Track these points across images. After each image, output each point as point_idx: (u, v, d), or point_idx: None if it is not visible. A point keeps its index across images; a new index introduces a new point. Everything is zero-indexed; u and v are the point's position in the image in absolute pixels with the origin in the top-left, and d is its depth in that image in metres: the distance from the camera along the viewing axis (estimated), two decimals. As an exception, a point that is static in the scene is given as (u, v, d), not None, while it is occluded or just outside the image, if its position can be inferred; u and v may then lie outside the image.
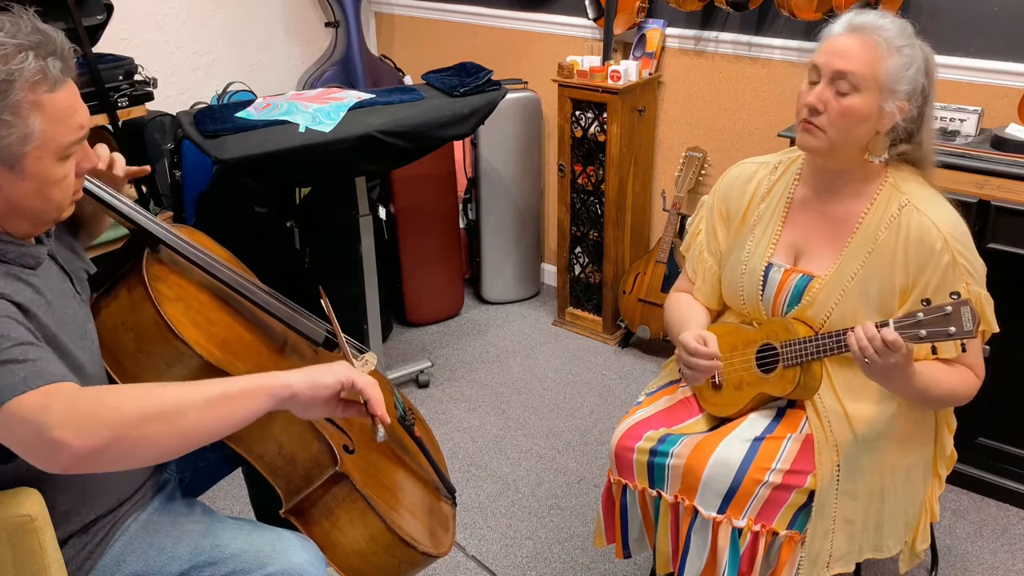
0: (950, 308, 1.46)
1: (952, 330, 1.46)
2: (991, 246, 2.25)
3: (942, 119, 2.51)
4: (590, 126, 3.25)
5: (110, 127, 2.77)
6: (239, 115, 2.57)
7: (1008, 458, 2.49)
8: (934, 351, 1.63)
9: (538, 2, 3.59)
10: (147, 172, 1.57)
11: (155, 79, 2.88)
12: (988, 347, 1.76)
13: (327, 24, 3.92)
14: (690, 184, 3.21)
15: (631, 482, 1.82)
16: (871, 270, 1.69)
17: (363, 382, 1.32)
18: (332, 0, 3.84)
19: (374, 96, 2.71)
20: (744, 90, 3.13)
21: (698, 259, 1.95)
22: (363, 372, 1.47)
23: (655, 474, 1.78)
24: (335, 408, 1.32)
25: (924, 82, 1.65)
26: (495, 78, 2.84)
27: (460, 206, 3.70)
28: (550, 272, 3.88)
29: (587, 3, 3.27)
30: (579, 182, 3.37)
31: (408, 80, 3.92)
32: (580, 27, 3.48)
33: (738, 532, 1.68)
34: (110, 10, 2.73)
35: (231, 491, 2.54)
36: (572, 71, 3.21)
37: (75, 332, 1.32)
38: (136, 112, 2.83)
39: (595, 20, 3.32)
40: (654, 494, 1.79)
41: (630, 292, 3.32)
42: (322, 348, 1.68)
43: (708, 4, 3.00)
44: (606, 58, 3.25)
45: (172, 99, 3.42)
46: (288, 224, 3.01)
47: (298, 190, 3.04)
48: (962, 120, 2.50)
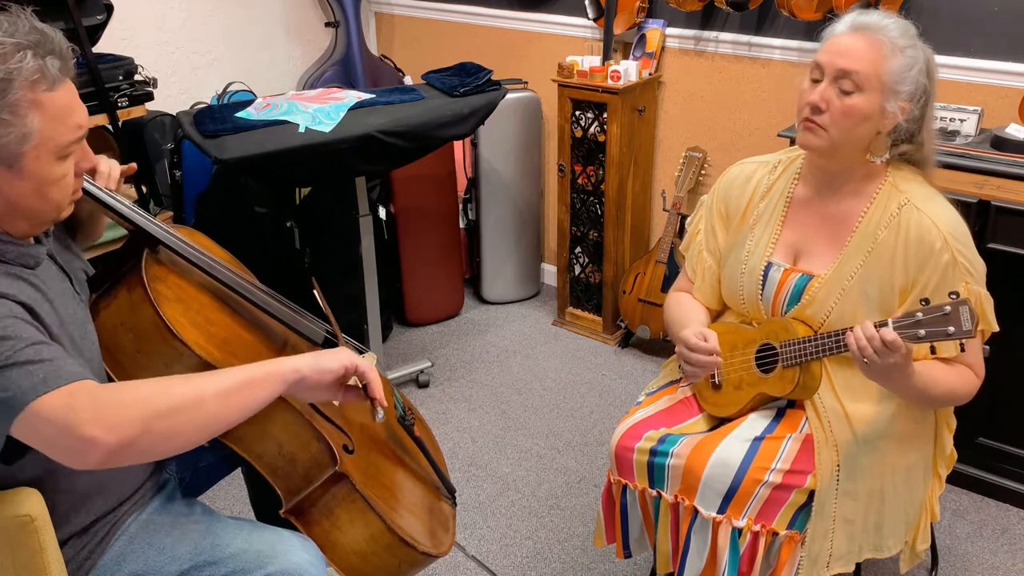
0: (949, 308, 1.46)
1: (951, 330, 1.46)
2: (991, 246, 2.25)
3: (942, 119, 2.51)
4: (590, 126, 3.25)
5: (110, 127, 2.77)
6: (239, 115, 2.57)
7: (1008, 458, 2.49)
8: (933, 351, 1.64)
9: (538, 2, 3.59)
10: (134, 170, 1.57)
11: (155, 79, 2.88)
12: (988, 347, 1.76)
13: (327, 24, 3.92)
14: (690, 184, 3.21)
15: (631, 482, 1.82)
16: (871, 269, 1.69)
17: (365, 366, 1.38)
18: (332, 0, 3.84)
19: (374, 96, 2.71)
20: (744, 90, 3.13)
21: (697, 259, 1.95)
22: (362, 359, 1.48)
23: (655, 474, 1.78)
24: (336, 392, 1.37)
25: (925, 83, 1.66)
26: (495, 78, 2.84)
27: (460, 206, 3.70)
28: (550, 272, 3.88)
29: (587, 3, 3.27)
30: (579, 182, 3.37)
31: (408, 80, 3.92)
32: (580, 27, 3.48)
33: (738, 532, 1.68)
34: (110, 10, 2.73)
35: (231, 491, 2.54)
36: (572, 71, 3.21)
37: (75, 332, 1.32)
38: (136, 112, 2.83)
39: (595, 20, 3.32)
40: (654, 494, 1.79)
41: (630, 292, 3.32)
42: (321, 348, 1.68)
43: (708, 4, 3.00)
44: (606, 58, 3.25)
45: (172, 99, 3.42)
46: (288, 224, 3.01)
47: (298, 190, 3.04)
48: (962, 120, 2.50)
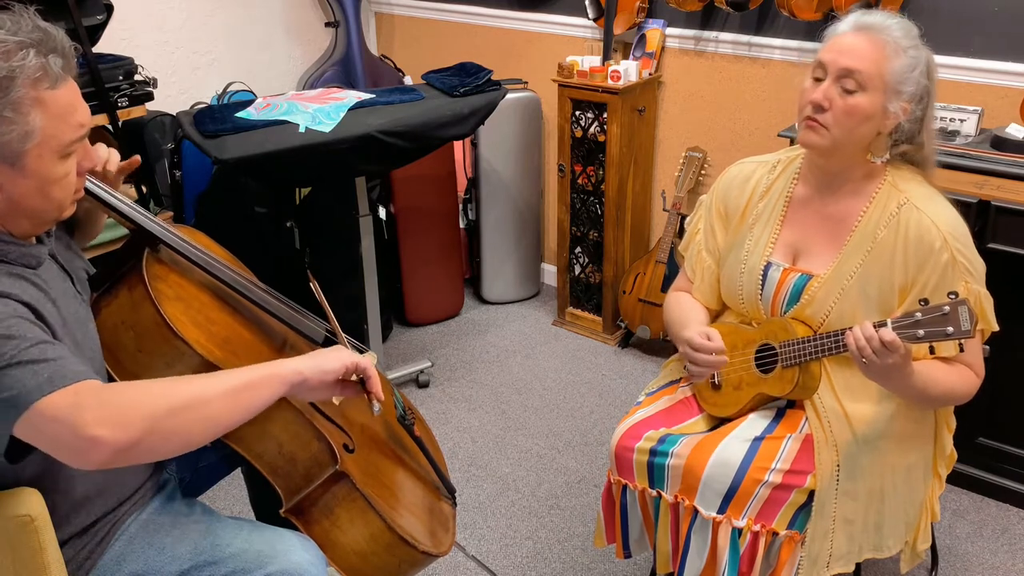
0: (948, 308, 1.46)
1: (950, 330, 1.46)
2: (991, 246, 2.25)
3: (942, 119, 2.51)
4: (590, 126, 3.25)
5: (110, 127, 2.77)
6: (239, 115, 2.57)
7: (1008, 458, 2.49)
8: (932, 351, 1.64)
9: (538, 2, 3.59)
10: (137, 163, 1.57)
11: (155, 79, 2.88)
12: (988, 347, 1.76)
13: (327, 24, 3.92)
14: (690, 184, 3.21)
15: (631, 482, 1.82)
16: (870, 269, 1.69)
17: (364, 362, 1.40)
18: (332, 0, 3.84)
19: (374, 96, 2.71)
20: (744, 90, 3.13)
21: (696, 258, 1.95)
22: (359, 355, 1.48)
23: (655, 474, 1.78)
24: (335, 390, 1.39)
25: (927, 83, 1.66)
26: (495, 78, 2.84)
27: (460, 206, 3.70)
28: (550, 272, 3.88)
29: (587, 3, 3.27)
30: (579, 182, 3.37)
31: (408, 80, 3.92)
32: (580, 27, 3.48)
33: (738, 532, 1.68)
34: (110, 10, 2.73)
35: (231, 491, 2.54)
36: (572, 71, 3.21)
37: (77, 332, 1.32)
38: (136, 112, 2.83)
39: (595, 20, 3.32)
40: (654, 494, 1.79)
41: (630, 292, 3.32)
42: (321, 347, 1.68)
43: (708, 4, 3.00)
44: (606, 58, 3.25)
45: (172, 99, 3.43)
46: (288, 224, 3.01)
47: (298, 190, 3.04)
48: (962, 120, 2.50)
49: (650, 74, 3.25)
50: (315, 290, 1.65)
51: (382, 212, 3.42)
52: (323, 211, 3.06)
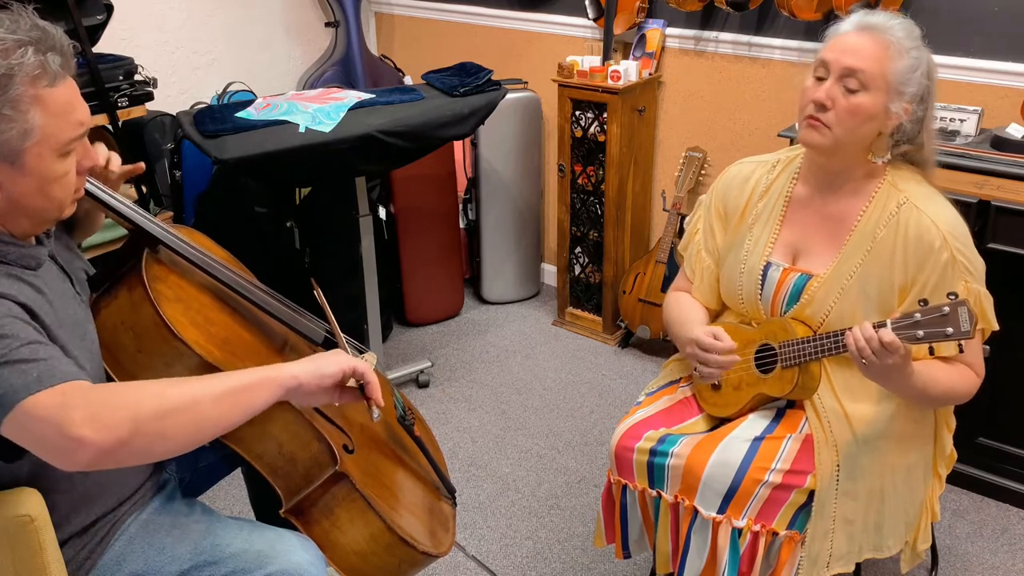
0: (947, 309, 1.46)
1: (949, 331, 1.46)
2: (991, 246, 2.25)
3: (942, 119, 2.50)
4: (590, 126, 3.25)
5: (110, 127, 2.77)
6: (239, 115, 2.57)
7: (1008, 458, 2.49)
8: (931, 351, 1.63)
9: (538, 2, 3.59)
10: (142, 170, 1.57)
11: (155, 79, 2.88)
12: (988, 347, 1.76)
13: (327, 24, 3.92)
14: (690, 184, 3.21)
15: (631, 482, 1.82)
16: (870, 268, 1.69)
17: (363, 367, 1.37)
18: (332, 0, 3.84)
19: (374, 96, 2.71)
20: (744, 90, 3.13)
21: (696, 258, 1.95)
22: (358, 359, 1.48)
23: (655, 474, 1.78)
24: (333, 394, 1.36)
25: (928, 84, 1.66)
26: (495, 78, 2.84)
27: (460, 206, 3.70)
28: (550, 272, 3.88)
29: (587, 3, 3.27)
30: (579, 182, 3.37)
31: (408, 80, 3.92)
32: (580, 27, 3.48)
33: (738, 532, 1.69)
34: (110, 10, 2.73)
35: (231, 491, 2.54)
36: (572, 71, 3.21)
37: (76, 332, 1.32)
38: (136, 112, 2.83)
39: (595, 20, 3.32)
40: (654, 494, 1.79)
41: (630, 292, 3.32)
42: (321, 348, 1.68)
43: (708, 4, 3.00)
44: (606, 58, 3.25)
45: (172, 99, 3.43)
46: (288, 224, 3.01)
47: (298, 190, 3.04)
48: (962, 120, 2.50)
49: (650, 74, 3.25)
50: (318, 297, 1.65)
51: (382, 212, 3.42)
52: (323, 211, 3.06)
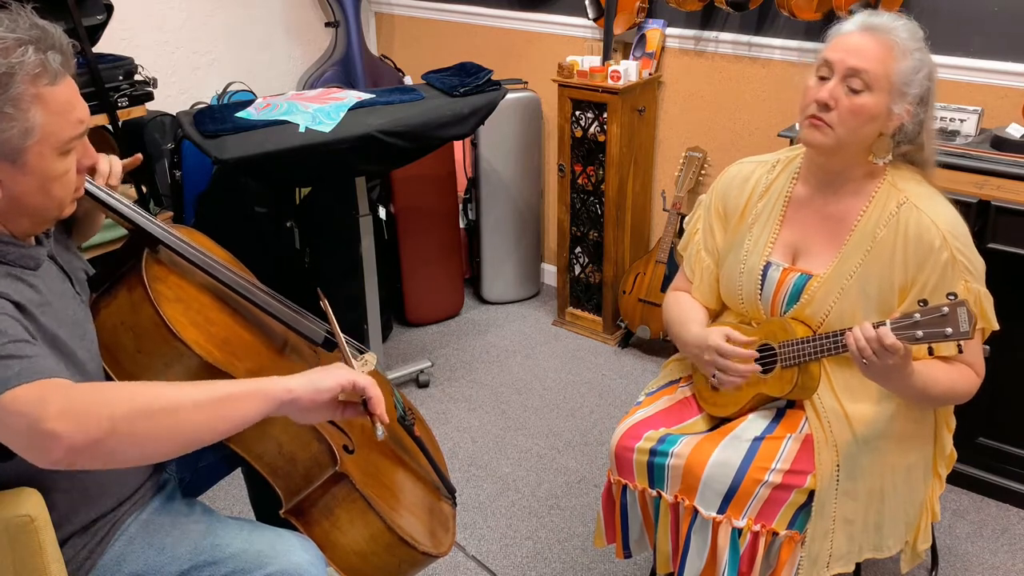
0: (947, 309, 1.46)
1: (949, 331, 1.46)
2: (991, 246, 2.25)
3: (942, 119, 2.51)
4: (590, 126, 3.25)
5: (110, 127, 2.77)
6: (239, 115, 2.57)
7: (1008, 458, 2.49)
8: (931, 351, 1.63)
9: (538, 2, 3.59)
10: (139, 160, 1.56)
11: (155, 79, 2.88)
12: (988, 347, 1.76)
13: (327, 24, 3.92)
14: (690, 184, 3.21)
15: (631, 482, 1.82)
16: (870, 268, 1.69)
17: (364, 382, 1.30)
18: (332, 0, 3.84)
19: (374, 96, 2.71)
20: (744, 90, 3.13)
21: (695, 258, 1.95)
22: (362, 371, 1.47)
23: (655, 474, 1.78)
24: (334, 411, 1.31)
25: (929, 86, 1.66)
26: (495, 78, 2.84)
27: (460, 206, 3.70)
28: (550, 272, 3.88)
29: (587, 3, 3.27)
30: (579, 182, 3.37)
31: (408, 80, 3.92)
32: (580, 27, 3.48)
33: (738, 532, 1.69)
34: (110, 10, 2.73)
35: (231, 491, 2.54)
36: (572, 71, 3.21)
37: (75, 332, 1.32)
38: (136, 112, 2.83)
39: (595, 20, 3.32)
40: (654, 494, 1.79)
41: (630, 292, 3.32)
42: (321, 348, 1.68)
43: (708, 4, 3.00)
44: (606, 58, 3.25)
45: (172, 99, 3.43)
46: (288, 224, 3.01)
47: (298, 190, 3.04)
48: (962, 120, 2.50)
49: (650, 74, 3.25)
50: (324, 307, 1.64)
51: (382, 212, 3.42)
52: (323, 211, 3.06)
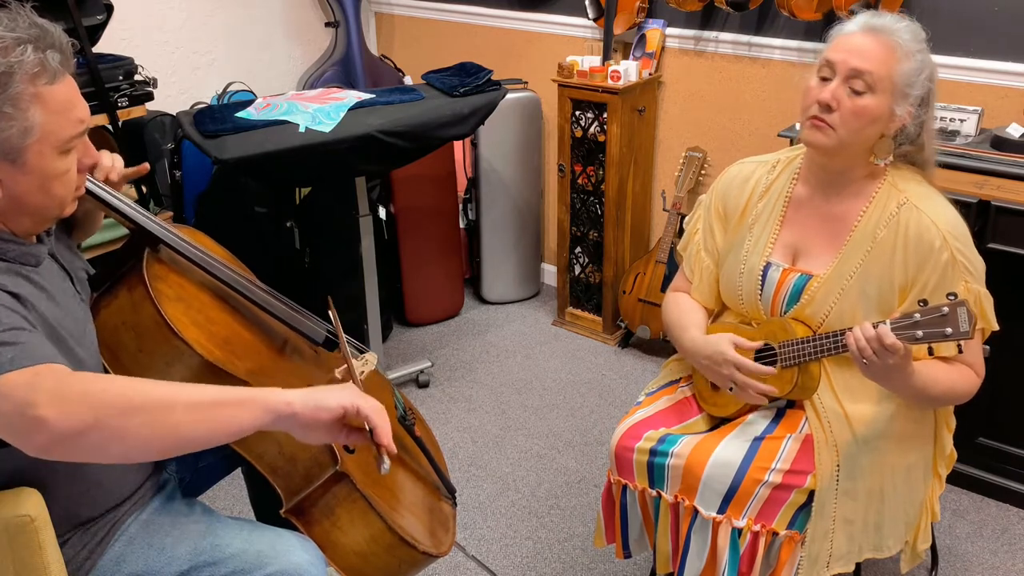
0: (947, 309, 1.46)
1: (949, 331, 1.46)
2: (991, 246, 2.25)
3: (942, 119, 2.51)
4: (590, 126, 3.25)
5: (110, 127, 2.77)
6: (239, 115, 2.57)
7: (1008, 458, 2.49)
8: (931, 351, 1.63)
9: (538, 2, 3.59)
10: (146, 170, 1.56)
11: (155, 79, 2.88)
12: (988, 347, 1.76)
13: (327, 24, 3.92)
14: (690, 184, 3.21)
15: (631, 482, 1.82)
16: (870, 268, 1.69)
17: (369, 408, 1.24)
18: (332, 0, 3.84)
19: (374, 96, 2.71)
20: (744, 90, 3.13)
21: (695, 259, 1.95)
22: (362, 373, 1.46)
23: (655, 474, 1.78)
24: (338, 433, 1.26)
25: (931, 87, 1.66)
26: (495, 78, 2.84)
27: (460, 206, 3.70)
28: (550, 272, 3.88)
29: (587, 3, 3.27)
30: (579, 182, 3.37)
31: (408, 80, 3.92)
32: (580, 27, 3.48)
33: (738, 532, 1.69)
34: (110, 10, 2.73)
35: (231, 491, 2.54)
36: (572, 71, 3.21)
37: (75, 331, 1.32)
38: (136, 112, 2.83)
39: (595, 20, 3.32)
40: (654, 494, 1.79)
41: (630, 292, 3.32)
42: (322, 348, 1.68)
43: (708, 4, 3.00)
44: (606, 58, 3.25)
45: (172, 99, 3.43)
46: (288, 224, 3.01)
47: (298, 190, 3.04)
48: (962, 120, 2.50)
49: (650, 74, 3.25)
50: (332, 316, 1.64)
51: (382, 212, 3.42)
52: (323, 211, 3.06)
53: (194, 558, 1.42)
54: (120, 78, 2.77)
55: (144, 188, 2.96)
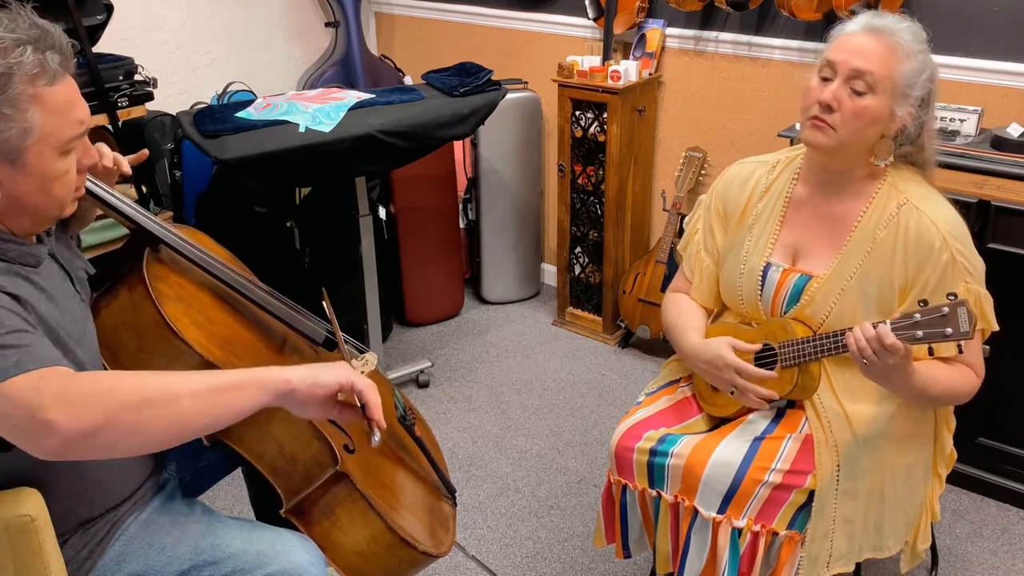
0: (947, 309, 1.46)
1: (949, 331, 1.46)
2: (991, 246, 2.25)
3: (942, 119, 2.51)
4: (590, 126, 3.25)
5: (110, 127, 2.77)
6: (239, 115, 2.57)
7: (1008, 458, 2.49)
8: (931, 351, 1.63)
9: (538, 2, 3.59)
10: (146, 155, 1.56)
11: (155, 79, 2.88)
12: (988, 347, 1.76)
13: (327, 24, 3.92)
14: (690, 184, 3.21)
15: (631, 482, 1.82)
16: (870, 269, 1.69)
17: (362, 385, 1.29)
18: (332, 0, 3.84)
19: (374, 96, 2.71)
20: (744, 90, 3.13)
21: (695, 259, 1.94)
22: (363, 373, 1.46)
23: (655, 474, 1.78)
24: (331, 409, 1.30)
25: (931, 88, 1.66)
26: (495, 78, 2.84)
27: (460, 206, 3.70)
28: (550, 272, 3.88)
29: (587, 3, 3.27)
30: (579, 182, 3.37)
31: (408, 80, 3.92)
32: (580, 27, 3.48)
33: (738, 532, 1.69)
34: (110, 10, 2.74)
35: (231, 491, 2.54)
36: (572, 71, 3.21)
37: (75, 331, 1.32)
38: (136, 112, 2.83)
39: (595, 20, 3.32)
40: (654, 494, 1.79)
41: (630, 292, 3.32)
42: (322, 348, 1.68)
43: (708, 4, 3.00)
44: (606, 58, 3.25)
45: (172, 99, 3.43)
46: (288, 224, 3.01)
47: (298, 190, 3.04)
48: (962, 120, 2.50)
49: (650, 74, 3.25)
50: (327, 308, 1.64)
51: (382, 212, 3.42)
52: (323, 211, 3.06)
53: (194, 558, 1.42)
54: (120, 78, 2.78)
55: (144, 188, 2.96)
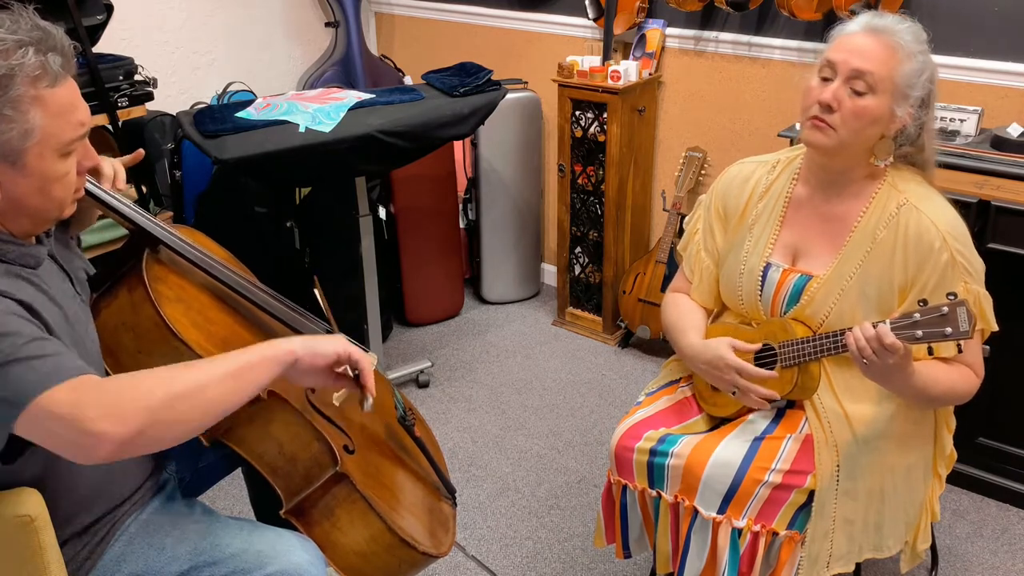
0: (946, 309, 1.46)
1: (948, 331, 1.46)
2: (991, 246, 2.25)
3: (942, 119, 2.50)
4: (590, 126, 3.25)
5: (110, 127, 2.77)
6: (239, 115, 2.57)
7: (1008, 458, 2.49)
8: (931, 351, 1.64)
9: (538, 2, 3.59)
10: (141, 155, 1.58)
11: (155, 79, 2.88)
12: (988, 347, 1.76)
13: (327, 24, 3.92)
14: (690, 184, 3.21)
15: (631, 482, 1.82)
16: (870, 269, 1.69)
17: (358, 354, 1.39)
18: (332, 0, 3.84)
19: (374, 96, 2.71)
20: (744, 90, 3.13)
21: (695, 259, 1.94)
22: (358, 347, 1.47)
23: (655, 474, 1.78)
24: (328, 378, 1.38)
25: (932, 88, 1.66)
26: (495, 78, 2.84)
27: (460, 206, 3.70)
28: (550, 272, 3.88)
29: (587, 3, 3.27)
30: (579, 182, 3.37)
31: (408, 80, 3.92)
32: (580, 27, 3.48)
33: (738, 532, 1.69)
34: (110, 10, 2.74)
35: (231, 491, 2.54)
36: (572, 71, 3.21)
37: (76, 332, 1.32)
38: (136, 112, 2.84)
39: (595, 20, 3.32)
40: (654, 494, 1.79)
41: (630, 292, 3.32)
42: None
43: (708, 4, 3.00)
44: (606, 58, 3.25)
45: (172, 99, 3.43)
46: (288, 224, 3.01)
47: (298, 190, 3.04)
48: (962, 120, 2.50)
49: (650, 74, 3.25)
50: (319, 296, 1.65)
51: (382, 212, 3.42)
52: (323, 211, 3.06)
53: (194, 558, 1.42)
54: (120, 78, 2.78)
55: (144, 188, 2.97)
